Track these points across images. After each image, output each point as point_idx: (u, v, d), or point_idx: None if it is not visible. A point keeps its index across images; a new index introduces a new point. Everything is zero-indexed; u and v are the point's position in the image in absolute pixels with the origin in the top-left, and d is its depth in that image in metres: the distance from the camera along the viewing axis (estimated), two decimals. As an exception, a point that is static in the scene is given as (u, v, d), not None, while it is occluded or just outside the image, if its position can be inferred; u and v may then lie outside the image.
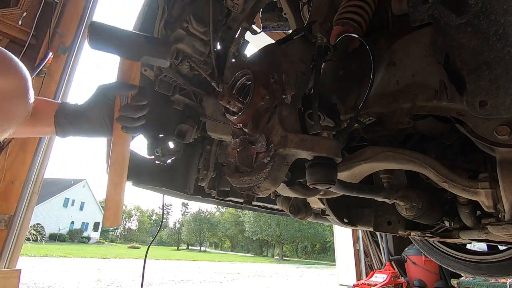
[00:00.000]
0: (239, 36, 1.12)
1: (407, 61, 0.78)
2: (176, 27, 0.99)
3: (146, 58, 0.83)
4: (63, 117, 0.79)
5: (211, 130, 1.26)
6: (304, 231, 39.23)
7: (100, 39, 0.79)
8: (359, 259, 6.33)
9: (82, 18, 3.14)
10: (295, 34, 0.75)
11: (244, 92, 0.74)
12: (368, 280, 4.99)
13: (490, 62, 0.60)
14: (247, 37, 1.20)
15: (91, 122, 0.81)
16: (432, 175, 0.80)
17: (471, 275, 2.99)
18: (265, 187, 0.63)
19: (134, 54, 0.83)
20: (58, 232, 33.31)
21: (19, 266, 2.64)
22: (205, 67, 1.05)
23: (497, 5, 0.60)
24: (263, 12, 1.72)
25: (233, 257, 34.48)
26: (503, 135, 0.65)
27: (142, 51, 0.82)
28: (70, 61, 3.00)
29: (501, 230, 0.74)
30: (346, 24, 0.86)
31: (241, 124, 0.69)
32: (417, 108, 0.74)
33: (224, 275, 10.35)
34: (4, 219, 2.54)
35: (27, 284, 5.20)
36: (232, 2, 1.09)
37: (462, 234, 1.10)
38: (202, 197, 1.53)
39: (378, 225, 1.15)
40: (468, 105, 0.62)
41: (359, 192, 0.83)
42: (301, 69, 0.72)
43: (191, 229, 49.61)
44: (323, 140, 0.62)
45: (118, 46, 0.82)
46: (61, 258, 13.23)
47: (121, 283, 6.42)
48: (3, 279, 2.40)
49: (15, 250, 2.61)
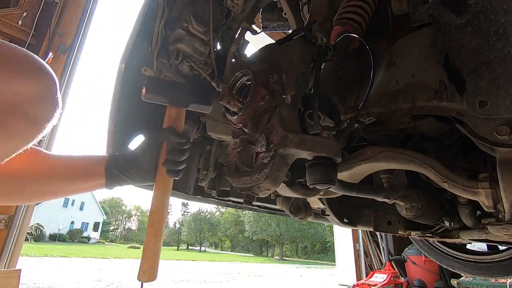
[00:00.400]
0: (239, 36, 1.12)
1: (407, 61, 0.78)
2: (176, 27, 0.99)
3: (193, 106, 0.93)
4: (115, 168, 0.83)
5: (211, 130, 1.26)
6: (304, 231, 39.23)
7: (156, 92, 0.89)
8: (359, 259, 6.33)
9: (82, 18, 3.14)
10: (295, 34, 0.75)
11: (244, 92, 0.74)
12: (368, 280, 4.99)
13: (490, 62, 0.60)
14: (247, 37, 1.20)
15: (141, 168, 0.84)
16: (432, 175, 0.80)
17: (471, 275, 2.98)
18: (265, 187, 0.63)
19: (183, 102, 0.92)
20: (58, 232, 33.31)
21: (19, 266, 2.64)
22: (205, 67, 1.05)
23: (497, 5, 0.60)
24: (263, 12, 1.72)
25: (233, 257, 34.48)
26: (503, 135, 0.65)
27: (189, 99, 0.93)
28: (70, 61, 3.00)
29: (501, 230, 0.74)
30: (346, 24, 0.86)
31: (241, 124, 0.69)
32: (417, 108, 0.74)
33: (224, 275, 10.35)
34: (4, 219, 2.54)
35: (27, 284, 5.20)
36: (232, 2, 1.09)
37: (462, 234, 1.10)
38: (202, 197, 1.53)
39: (378, 225, 1.15)
40: (468, 105, 0.62)
41: (359, 192, 0.83)
42: (301, 69, 0.72)
43: (191, 229, 49.62)
44: (323, 140, 0.62)
45: (170, 97, 0.91)
46: (61, 258, 13.22)
47: (121, 283, 6.41)
48: (3, 279, 2.40)
49: (15, 250, 2.61)
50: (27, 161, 0.74)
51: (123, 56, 1.08)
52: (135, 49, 1.07)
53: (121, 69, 1.07)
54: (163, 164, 0.84)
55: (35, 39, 2.79)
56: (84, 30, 3.15)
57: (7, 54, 0.51)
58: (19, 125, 0.52)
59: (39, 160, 0.78)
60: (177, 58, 1.01)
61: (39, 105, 0.54)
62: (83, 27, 3.14)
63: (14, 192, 0.75)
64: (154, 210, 0.83)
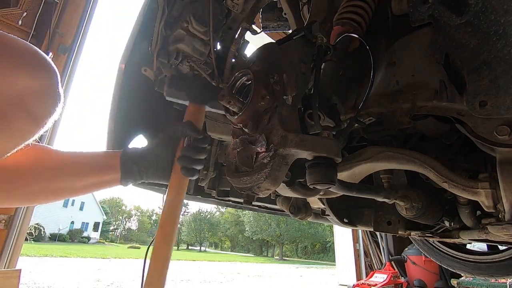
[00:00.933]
0: (239, 36, 1.12)
1: (407, 61, 0.78)
2: (176, 27, 0.99)
3: (212, 104, 0.93)
4: (131, 161, 0.79)
5: (211, 130, 1.26)
6: (304, 231, 39.22)
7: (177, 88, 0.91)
8: (359, 259, 6.33)
9: (82, 18, 3.14)
10: (295, 34, 0.75)
11: (244, 92, 0.74)
12: (368, 280, 4.99)
13: (490, 62, 0.60)
14: (247, 37, 1.20)
15: (157, 163, 0.80)
16: (432, 175, 0.80)
17: (471, 275, 2.98)
18: (265, 187, 0.63)
19: (203, 100, 0.92)
20: (58, 232, 33.30)
21: (19, 266, 2.64)
22: (205, 67, 1.05)
23: (497, 5, 0.60)
24: (263, 12, 1.72)
25: (233, 257, 34.48)
26: (503, 135, 0.65)
27: (209, 97, 0.93)
28: (70, 61, 3.00)
29: (501, 230, 0.74)
30: (346, 24, 0.86)
31: (241, 124, 0.69)
32: (417, 108, 0.74)
33: (224, 275, 10.35)
34: (4, 219, 2.54)
35: (27, 284, 5.20)
36: (232, 2, 1.09)
37: (462, 234, 1.10)
38: (202, 197, 1.53)
39: (378, 225, 1.15)
40: (468, 105, 0.62)
41: (359, 192, 0.83)
42: (301, 69, 0.72)
43: (191, 229, 49.64)
44: (323, 140, 0.62)
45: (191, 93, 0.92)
46: (61, 258, 13.21)
47: (121, 283, 6.41)
48: (3, 279, 2.40)
49: (15, 250, 2.61)
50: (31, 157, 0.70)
51: (123, 56, 1.08)
52: (135, 49, 1.07)
53: (121, 69, 1.07)
54: (178, 160, 0.80)
55: (35, 39, 2.79)
56: (84, 30, 3.15)
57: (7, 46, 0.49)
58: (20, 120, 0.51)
59: (44, 156, 0.74)
60: (177, 58, 1.01)
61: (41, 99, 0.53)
62: (83, 27, 3.14)
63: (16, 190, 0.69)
64: (165, 212, 0.77)
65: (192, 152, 0.81)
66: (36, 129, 0.54)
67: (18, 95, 0.49)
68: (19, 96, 0.50)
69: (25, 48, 0.51)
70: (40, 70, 0.52)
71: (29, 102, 0.51)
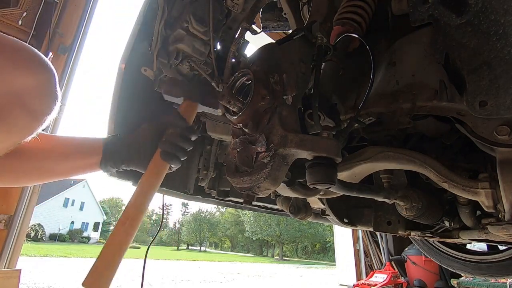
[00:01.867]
0: (239, 36, 1.12)
1: (407, 61, 0.78)
2: (176, 27, 0.99)
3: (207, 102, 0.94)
4: (111, 144, 0.80)
5: (211, 130, 1.26)
6: (304, 231, 39.23)
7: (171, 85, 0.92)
8: (359, 259, 6.33)
9: (82, 18, 3.14)
10: (295, 34, 0.75)
11: (244, 92, 0.74)
12: (368, 280, 4.99)
13: (490, 62, 0.60)
14: (247, 37, 1.20)
15: (139, 149, 0.79)
16: (432, 175, 0.80)
17: (471, 275, 2.98)
18: (265, 187, 0.63)
19: (197, 98, 0.93)
20: (58, 232, 33.29)
21: (19, 266, 2.64)
22: (205, 67, 1.05)
23: (497, 5, 0.60)
24: (263, 12, 1.72)
25: (233, 257, 34.47)
26: (503, 135, 0.65)
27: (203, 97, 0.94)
28: (70, 61, 3.00)
29: (501, 230, 0.74)
30: (346, 24, 0.86)
31: (241, 124, 0.69)
32: (417, 108, 0.74)
33: (224, 275, 10.35)
34: (4, 219, 2.54)
35: (27, 284, 5.20)
36: (232, 2, 1.09)
37: (462, 234, 1.10)
38: (202, 197, 1.53)
39: (378, 225, 1.15)
40: (468, 105, 0.62)
41: (359, 192, 0.83)
42: (301, 69, 0.72)
43: (191, 229, 49.62)
44: (323, 140, 0.62)
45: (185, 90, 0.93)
46: (61, 258, 13.21)
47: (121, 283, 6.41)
48: (3, 279, 2.40)
49: (15, 250, 2.61)
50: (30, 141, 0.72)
51: (123, 56, 1.08)
52: (135, 49, 1.07)
53: (121, 69, 1.07)
54: (159, 144, 0.78)
55: (35, 39, 2.79)
56: (84, 30, 3.15)
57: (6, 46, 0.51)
58: (19, 117, 0.53)
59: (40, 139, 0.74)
60: (177, 58, 1.01)
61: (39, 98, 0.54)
62: (83, 27, 3.14)
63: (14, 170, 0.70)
64: (133, 201, 0.69)
65: (176, 138, 0.79)
66: (35, 126, 0.56)
67: (17, 93, 0.51)
68: (17, 94, 0.51)
69: (23, 48, 0.53)
70: (38, 69, 0.54)
71: (28, 100, 0.52)
